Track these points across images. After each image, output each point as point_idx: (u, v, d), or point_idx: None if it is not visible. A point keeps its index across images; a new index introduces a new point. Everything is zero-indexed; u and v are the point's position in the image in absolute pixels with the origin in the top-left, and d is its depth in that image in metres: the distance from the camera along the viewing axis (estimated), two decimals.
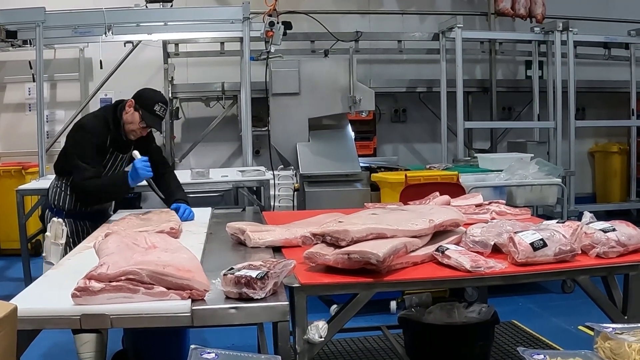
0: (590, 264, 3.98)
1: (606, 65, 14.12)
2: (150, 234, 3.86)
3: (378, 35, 13.21)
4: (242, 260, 3.74)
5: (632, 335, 2.82)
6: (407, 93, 13.65)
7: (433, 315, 5.33)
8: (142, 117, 5.56)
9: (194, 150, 12.81)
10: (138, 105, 5.59)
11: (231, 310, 3.14)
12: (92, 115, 5.94)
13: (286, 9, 12.13)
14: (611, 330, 2.87)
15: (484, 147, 13.77)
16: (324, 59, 9.74)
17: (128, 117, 5.60)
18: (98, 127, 5.60)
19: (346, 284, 3.62)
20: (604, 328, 2.90)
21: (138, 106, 5.58)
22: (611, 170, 14.44)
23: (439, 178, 8.56)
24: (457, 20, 11.78)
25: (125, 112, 5.61)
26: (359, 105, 8.85)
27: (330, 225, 3.85)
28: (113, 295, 3.08)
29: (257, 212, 6.26)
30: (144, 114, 5.55)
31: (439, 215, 4.17)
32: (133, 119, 5.58)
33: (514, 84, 14.29)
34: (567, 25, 12.05)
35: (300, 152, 8.75)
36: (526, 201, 8.83)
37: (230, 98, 12.66)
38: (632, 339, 2.78)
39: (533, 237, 3.88)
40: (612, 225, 4.15)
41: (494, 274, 3.75)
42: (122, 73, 12.06)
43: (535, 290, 8.77)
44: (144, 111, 5.55)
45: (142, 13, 10.46)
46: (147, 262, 3.20)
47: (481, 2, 14.05)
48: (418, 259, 3.88)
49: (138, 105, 5.59)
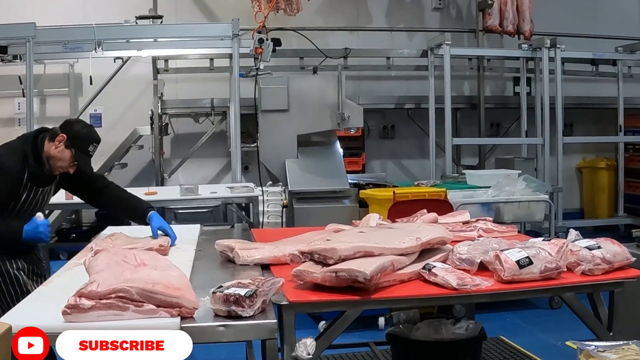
0: (575, 281, 4.01)
1: (594, 81, 14.21)
2: (140, 252, 3.88)
3: (367, 52, 13.27)
4: (230, 277, 3.77)
5: (614, 353, 2.85)
6: (396, 109, 13.67)
7: (421, 331, 5.35)
8: (74, 157, 5.02)
9: (183, 166, 12.80)
10: (71, 143, 5.00)
11: (220, 328, 3.17)
12: (8, 147, 5.12)
13: (275, 25, 12.18)
14: (593, 348, 2.90)
15: (473, 163, 13.80)
16: (313, 76, 9.76)
17: (57, 153, 5.00)
18: (13, 162, 4.94)
19: (334, 301, 3.66)
20: (586, 346, 2.93)
21: (70, 144, 5.00)
22: (599, 186, 14.50)
23: (427, 195, 8.58)
24: (445, 37, 11.87)
25: (55, 147, 5.00)
26: (347, 122, 8.87)
27: (318, 244, 3.87)
28: (103, 313, 3.11)
29: (245, 229, 6.26)
30: (77, 154, 5.02)
31: (426, 233, 4.19)
32: (63, 156, 5.01)
33: (502, 100, 14.35)
34: (554, 42, 12.14)
35: (289, 168, 8.77)
36: (514, 217, 8.87)
37: (219, 114, 12.69)
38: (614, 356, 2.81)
39: (519, 255, 3.92)
40: (598, 242, 4.19)
41: (480, 291, 3.78)
42: (111, 89, 12.06)
43: (523, 306, 8.80)
44: (77, 151, 5.01)
45: (132, 29, 10.51)
46: (137, 279, 3.23)
47: (469, 19, 14.14)
48: (405, 277, 3.91)
49: (70, 143, 5.00)
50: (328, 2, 13.58)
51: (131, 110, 12.74)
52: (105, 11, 11.84)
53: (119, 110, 12.62)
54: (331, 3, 13.62)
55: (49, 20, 10.37)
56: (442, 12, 14.31)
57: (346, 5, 13.78)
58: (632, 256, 4.27)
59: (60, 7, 12.00)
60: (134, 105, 12.77)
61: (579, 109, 14.12)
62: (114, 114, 12.55)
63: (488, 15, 13.08)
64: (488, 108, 13.81)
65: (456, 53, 12.45)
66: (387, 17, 14.00)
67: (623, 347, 2.94)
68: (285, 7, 11.90)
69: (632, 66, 13.93)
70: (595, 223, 13.66)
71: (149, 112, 12.07)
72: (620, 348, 2.93)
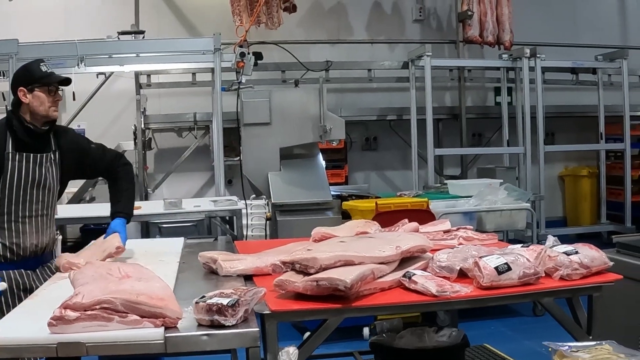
0: (554, 286, 4.05)
1: (575, 90, 14.34)
2: (124, 265, 3.91)
3: (348, 65, 13.34)
4: (214, 288, 3.79)
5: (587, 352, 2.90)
6: (378, 121, 13.76)
7: (404, 340, 5.37)
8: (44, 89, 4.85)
9: (167, 180, 12.84)
10: (29, 85, 4.83)
11: (203, 337, 3.20)
12: None
13: (257, 39, 12.27)
14: (567, 349, 2.95)
15: (455, 173, 13.89)
16: (295, 89, 9.79)
17: (34, 103, 4.83)
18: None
19: (315, 310, 3.69)
20: (560, 346, 2.97)
21: (30, 86, 4.83)
22: (581, 193, 14.60)
23: (409, 205, 8.63)
24: (426, 48, 11.96)
25: (28, 101, 4.83)
26: (329, 134, 8.89)
27: (299, 253, 3.91)
28: (88, 324, 3.14)
29: (229, 241, 6.26)
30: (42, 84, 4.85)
31: (405, 242, 4.23)
32: (40, 99, 4.84)
33: (483, 110, 14.46)
34: (534, 52, 12.24)
35: (272, 181, 8.79)
36: (496, 226, 8.95)
37: (202, 128, 12.75)
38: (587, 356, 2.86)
39: (497, 261, 3.96)
40: (575, 248, 4.22)
41: (460, 298, 3.82)
42: (95, 104, 12.08)
43: (507, 314, 8.86)
44: (40, 84, 4.84)
45: (114, 45, 10.54)
46: (121, 291, 3.26)
47: (450, 30, 14.26)
48: (386, 285, 3.94)
49: (30, 85, 4.83)
50: (309, 15, 13.67)
51: (115, 125, 12.77)
52: (87, 27, 11.86)
53: (103, 126, 12.63)
54: (312, 16, 13.72)
55: (31, 36, 10.38)
56: (422, 23, 14.43)
57: (327, 18, 13.89)
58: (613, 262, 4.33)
59: (43, 23, 12.03)
60: (118, 120, 12.80)
61: (561, 118, 14.24)
62: (98, 130, 12.53)
63: (468, 26, 13.17)
64: (470, 118, 13.89)
65: (437, 64, 12.54)
66: (367, 29, 14.12)
67: (596, 347, 2.96)
68: (267, 21, 11.95)
69: (612, 74, 14.02)
70: (578, 230, 13.72)
71: (132, 127, 12.09)
72: (594, 348, 2.96)
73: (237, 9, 11.67)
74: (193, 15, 13.24)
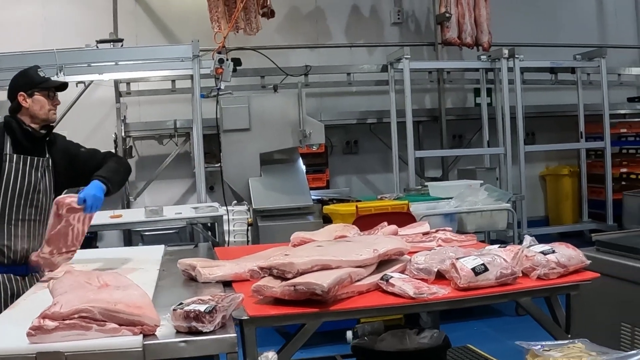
0: (531, 285, 4.08)
1: (555, 89, 14.41)
2: (103, 273, 3.92)
3: (327, 69, 13.34)
4: (193, 295, 3.80)
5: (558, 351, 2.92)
6: (358, 125, 13.76)
7: (385, 342, 5.39)
8: (43, 93, 4.96)
9: (149, 188, 12.80)
10: (29, 89, 4.94)
11: (181, 344, 3.21)
12: None
13: (236, 45, 12.27)
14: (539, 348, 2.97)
15: (437, 175, 13.91)
16: (274, 94, 9.82)
17: (35, 107, 4.94)
18: None
19: (293, 314, 3.70)
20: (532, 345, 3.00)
21: (30, 90, 4.94)
22: (563, 192, 14.67)
23: (390, 208, 8.66)
24: (404, 51, 11.98)
25: (27, 105, 4.94)
26: (309, 139, 8.90)
27: (276, 259, 3.93)
28: (67, 333, 3.14)
29: (210, 248, 6.27)
30: (41, 88, 4.96)
31: (383, 245, 4.25)
32: (40, 103, 4.96)
33: (463, 111, 14.50)
34: (513, 52, 12.29)
35: (253, 187, 8.80)
36: (477, 227, 8.99)
37: (182, 135, 12.69)
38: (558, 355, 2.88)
39: (474, 262, 3.99)
40: (552, 247, 4.25)
41: (437, 299, 3.84)
42: (75, 113, 11.96)
43: (490, 314, 8.90)
44: (39, 88, 4.96)
45: (93, 53, 10.50)
46: (99, 299, 3.27)
47: (428, 33, 14.28)
48: (363, 288, 3.95)
49: (30, 90, 4.94)
50: (287, 20, 13.67)
51: (96, 134, 12.69)
52: (67, 36, 11.80)
53: (84, 134, 12.49)
54: (291, 21, 13.72)
55: (9, 46, 10.35)
56: (401, 26, 14.44)
57: (305, 23, 13.89)
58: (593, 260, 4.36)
59: (21, 32, 11.98)
60: (99, 128, 12.74)
61: (541, 118, 14.31)
62: (79, 138, 12.06)
63: (446, 28, 13.21)
64: (450, 120, 13.93)
65: (415, 67, 12.58)
66: (346, 33, 14.12)
67: (569, 346, 2.99)
68: (245, 27, 11.97)
69: (591, 73, 14.08)
70: (560, 229, 13.81)
71: (113, 135, 12.07)
72: (566, 346, 2.98)
73: (216, 15, 11.67)
74: (172, 22, 13.21)
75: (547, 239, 4.63)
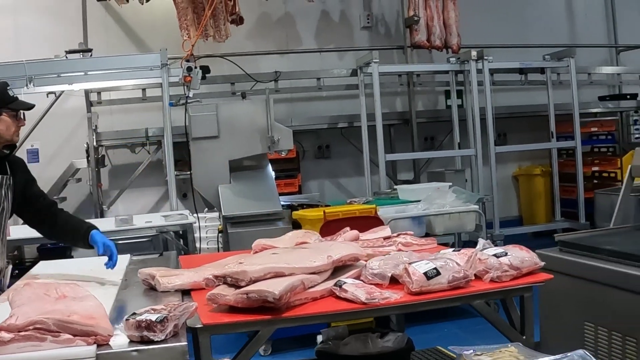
0: (484, 288, 4.14)
1: (525, 90, 14.47)
2: (61, 285, 3.96)
3: (297, 74, 13.37)
4: (152, 304, 3.85)
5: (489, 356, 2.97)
6: (330, 129, 13.76)
7: (349, 346, 5.44)
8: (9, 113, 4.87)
9: (122, 196, 12.80)
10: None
11: (133, 353, 3.25)
12: None
13: (207, 52, 12.31)
14: (471, 352, 3.03)
15: (409, 178, 13.94)
16: (242, 101, 9.84)
17: (0, 126, 4.82)
18: None
19: (247, 322, 3.75)
20: (464, 350, 3.06)
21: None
22: (535, 192, 14.80)
23: (358, 212, 8.71)
24: (373, 55, 12.03)
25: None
26: (277, 144, 8.91)
27: (230, 267, 4.00)
28: (22, 345, 3.19)
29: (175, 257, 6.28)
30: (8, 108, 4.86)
31: (337, 251, 4.31)
32: (6, 123, 4.84)
33: (434, 114, 14.54)
34: (481, 54, 12.38)
35: (222, 193, 8.81)
36: (445, 229, 9.07)
37: (154, 143, 12.68)
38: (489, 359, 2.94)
39: (426, 266, 4.05)
40: (505, 250, 4.33)
41: (389, 304, 3.90)
42: (46, 123, 11.99)
43: (460, 315, 8.92)
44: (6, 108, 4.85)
45: (62, 64, 10.49)
46: (54, 311, 3.32)
47: (398, 36, 14.35)
48: (317, 294, 4.01)
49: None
50: (257, 27, 13.71)
51: (68, 144, 12.73)
52: (37, 46, 11.83)
53: (56, 144, 12.62)
54: (260, 28, 13.76)
55: None
56: (371, 30, 14.51)
57: (275, 29, 13.93)
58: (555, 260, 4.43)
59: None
60: (71, 138, 12.76)
61: (512, 118, 14.36)
62: (51, 149, 12.54)
63: (415, 31, 13.29)
64: (421, 122, 13.96)
65: (385, 70, 12.65)
66: (316, 38, 14.17)
67: (500, 350, 3.04)
68: (215, 34, 12.01)
69: (560, 73, 14.19)
70: (534, 229, 13.92)
71: (85, 144, 12.09)
72: (498, 350, 3.03)
73: (185, 24, 11.72)
74: (142, 32, 13.22)
75: (520, 238, 4.72)
